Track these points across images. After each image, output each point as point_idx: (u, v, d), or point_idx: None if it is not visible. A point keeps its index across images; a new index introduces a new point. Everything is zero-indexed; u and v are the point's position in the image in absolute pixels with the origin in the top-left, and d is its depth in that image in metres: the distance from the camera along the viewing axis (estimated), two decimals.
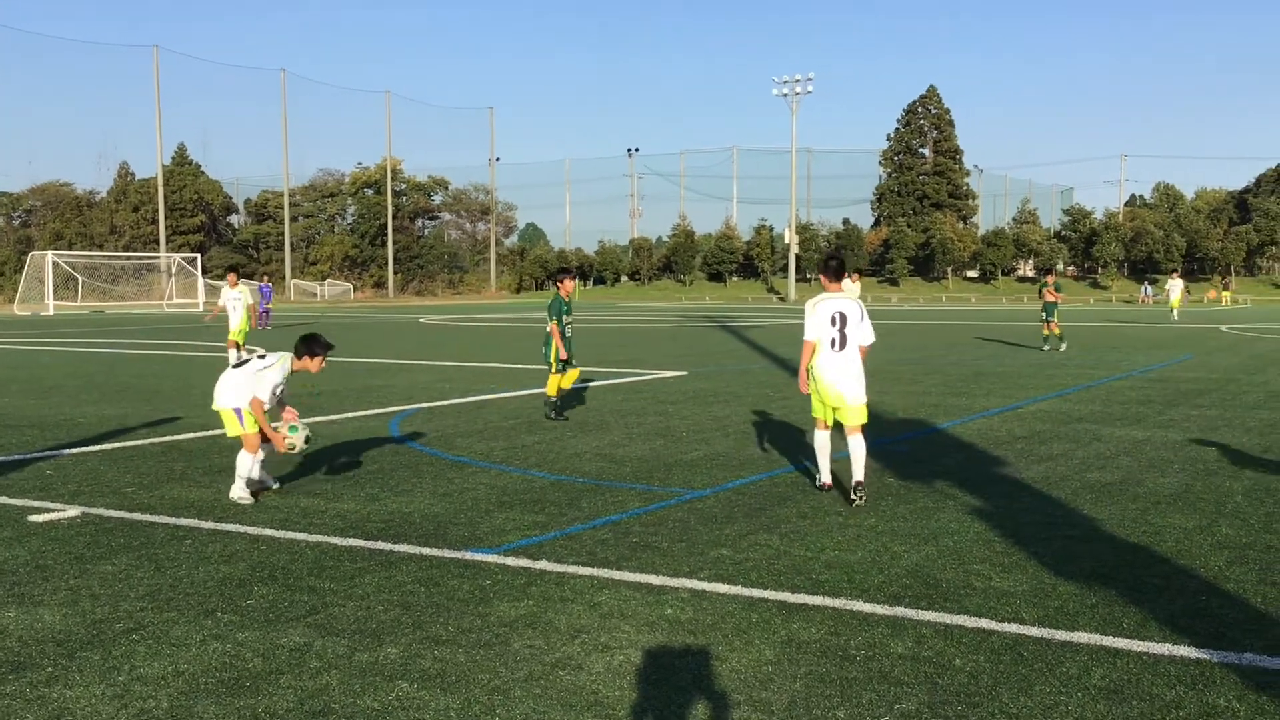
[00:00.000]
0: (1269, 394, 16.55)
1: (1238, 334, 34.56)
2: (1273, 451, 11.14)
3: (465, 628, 5.64)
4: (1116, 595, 6.18)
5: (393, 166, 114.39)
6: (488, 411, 14.60)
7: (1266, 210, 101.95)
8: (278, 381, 9.05)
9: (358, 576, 6.61)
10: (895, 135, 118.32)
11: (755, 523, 8.00)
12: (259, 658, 5.21)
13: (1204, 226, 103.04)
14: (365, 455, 11.03)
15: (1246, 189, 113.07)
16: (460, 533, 7.73)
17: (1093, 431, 12.57)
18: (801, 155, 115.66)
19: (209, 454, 11.13)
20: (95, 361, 24.77)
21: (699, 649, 5.32)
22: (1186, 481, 9.56)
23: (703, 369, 21.51)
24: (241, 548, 7.33)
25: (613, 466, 10.37)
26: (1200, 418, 13.77)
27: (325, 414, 14.30)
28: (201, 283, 76.93)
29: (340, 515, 8.30)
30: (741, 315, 54.42)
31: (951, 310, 65.38)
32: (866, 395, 9.14)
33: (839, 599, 6.11)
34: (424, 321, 48.72)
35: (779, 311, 62.87)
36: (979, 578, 6.54)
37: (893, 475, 9.90)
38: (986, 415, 14.14)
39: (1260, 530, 7.73)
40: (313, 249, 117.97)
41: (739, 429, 12.84)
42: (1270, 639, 5.44)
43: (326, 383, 18.73)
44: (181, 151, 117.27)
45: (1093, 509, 8.46)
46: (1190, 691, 4.78)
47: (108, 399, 16.32)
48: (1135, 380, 18.95)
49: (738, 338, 33.29)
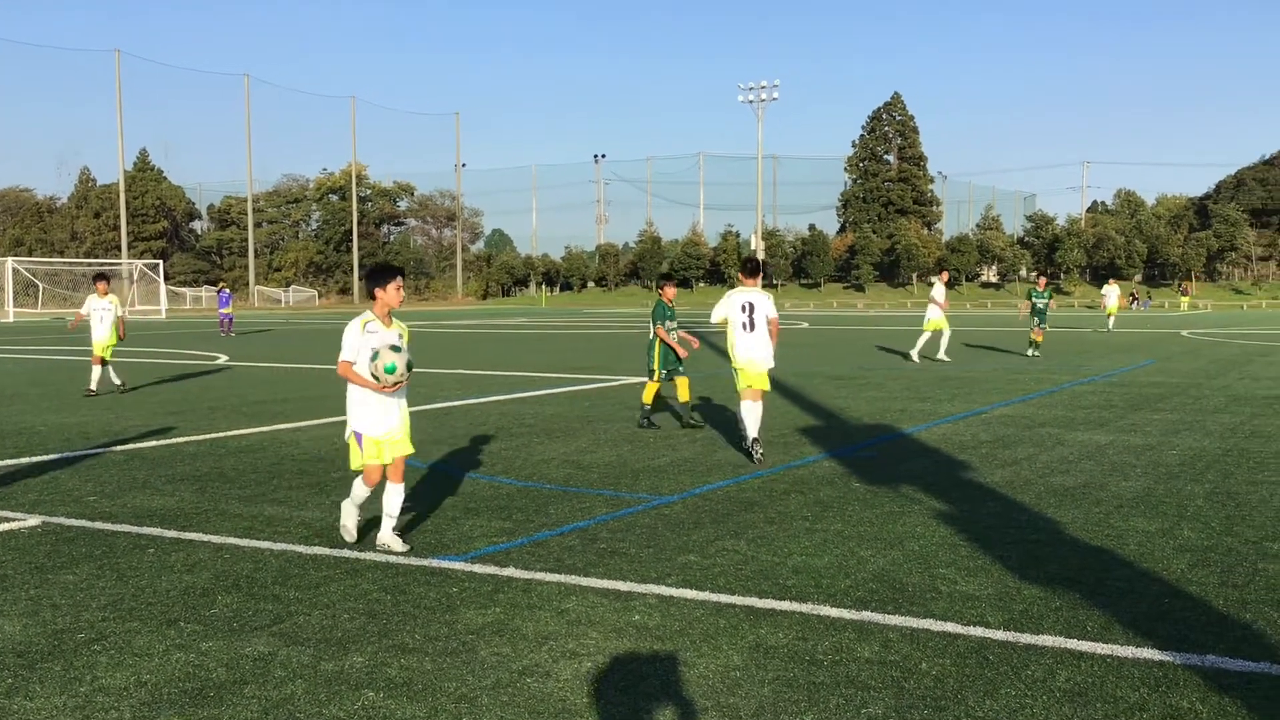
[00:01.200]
0: (1230, 398, 16.75)
1: (1199, 339, 34.96)
2: (1234, 455, 11.27)
3: (432, 635, 5.61)
4: (1080, 598, 6.23)
5: (358, 172, 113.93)
6: (454, 418, 14.54)
7: (1226, 216, 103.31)
8: (352, 337, 7.42)
9: (323, 585, 6.56)
10: (860, 142, 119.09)
11: (722, 528, 8.00)
12: (223, 667, 5.16)
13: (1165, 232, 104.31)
14: (330, 463, 10.96)
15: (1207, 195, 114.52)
16: (426, 540, 7.69)
17: (1056, 436, 12.67)
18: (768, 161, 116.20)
19: (172, 462, 11.03)
20: (56, 369, 24.48)
21: (667, 655, 5.32)
22: (1149, 485, 9.65)
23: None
24: (205, 556, 7.26)
25: (580, 473, 10.35)
26: (1162, 422, 13.91)
27: (290, 421, 14.19)
28: (164, 289, 76.25)
29: (305, 523, 8.24)
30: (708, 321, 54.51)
31: (917, 316, 65.74)
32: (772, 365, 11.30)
33: (806, 604, 6.12)
34: None
35: None
36: (945, 581, 6.58)
37: (859, 480, 9.94)
38: (951, 420, 14.23)
39: (1222, 533, 7.82)
40: (277, 255, 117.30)
41: (706, 435, 12.86)
42: (1232, 641, 5.50)
43: (291, 390, 18.61)
44: (144, 157, 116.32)
45: (1056, 513, 8.52)
46: (1154, 693, 4.82)
47: (68, 407, 16.13)
48: (1098, 385, 19.13)
49: (704, 343, 33.33)
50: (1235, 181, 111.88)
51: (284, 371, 23.03)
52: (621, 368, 23.40)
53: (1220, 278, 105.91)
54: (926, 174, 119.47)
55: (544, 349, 31.45)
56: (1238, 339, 34.51)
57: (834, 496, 9.18)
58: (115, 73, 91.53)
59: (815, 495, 9.23)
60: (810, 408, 15.63)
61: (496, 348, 32.23)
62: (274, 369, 23.78)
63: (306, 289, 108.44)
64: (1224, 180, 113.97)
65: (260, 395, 17.73)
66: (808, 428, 13.51)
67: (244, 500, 9.09)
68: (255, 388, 19.11)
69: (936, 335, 25.44)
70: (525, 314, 73.57)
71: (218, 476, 10.20)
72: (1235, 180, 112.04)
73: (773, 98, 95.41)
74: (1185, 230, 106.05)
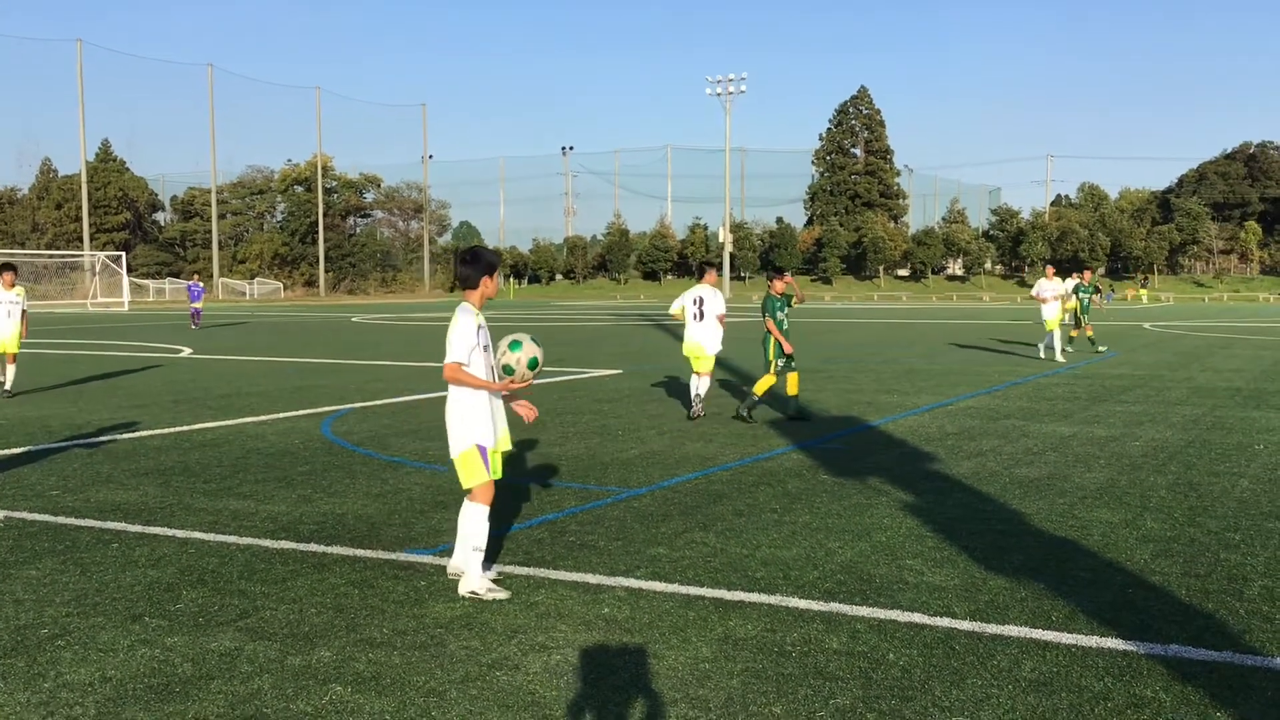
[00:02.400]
0: (1192, 390, 16.93)
1: (1161, 331, 35.34)
2: (1196, 446, 11.40)
3: (400, 629, 5.59)
4: (1045, 589, 6.29)
5: (323, 163, 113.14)
6: (422, 411, 14.49)
7: (1188, 210, 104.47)
8: (468, 334, 6.45)
9: (290, 579, 6.52)
10: (827, 135, 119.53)
11: (691, 521, 8.02)
12: (188, 663, 5.12)
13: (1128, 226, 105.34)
14: (297, 456, 10.90)
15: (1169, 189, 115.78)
16: (395, 533, 7.66)
17: (1021, 428, 12.77)
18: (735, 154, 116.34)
19: (136, 456, 10.93)
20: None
21: (636, 647, 5.32)
22: (1112, 476, 9.75)
23: (638, 368, 21.53)
24: (170, 551, 7.20)
25: (549, 466, 10.34)
26: (1125, 413, 14.05)
27: (255, 414, 14.09)
28: (126, 281, 75.49)
29: (271, 517, 8.18)
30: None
31: (883, 309, 66.11)
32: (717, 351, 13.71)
33: (775, 596, 6.14)
34: (356, 320, 48.25)
35: None
36: (912, 573, 6.62)
37: (826, 472, 9.98)
38: (918, 412, 14.31)
39: (1184, 524, 7.91)
40: (241, 247, 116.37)
41: (675, 427, 12.87)
42: (1194, 630, 5.57)
43: (256, 383, 18.48)
44: (106, 148, 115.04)
45: (1021, 504, 8.60)
46: (1118, 683, 4.87)
47: (31, 401, 15.94)
48: (1062, 377, 19.29)
49: (673, 336, 33.36)
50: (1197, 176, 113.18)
51: (249, 364, 22.86)
52: (590, 361, 23.38)
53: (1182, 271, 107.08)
54: (893, 167, 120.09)
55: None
56: (1199, 332, 34.92)
57: (802, 489, 9.22)
58: (77, 63, 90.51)
59: (783, 487, 9.27)
60: (777, 400, 15.67)
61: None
62: (239, 361, 23.60)
63: (271, 281, 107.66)
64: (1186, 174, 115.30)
65: (225, 388, 17.59)
66: (775, 420, 13.56)
67: (209, 494, 9.02)
68: (220, 381, 18.96)
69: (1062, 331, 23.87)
70: (493, 307, 73.39)
71: (182, 470, 10.12)
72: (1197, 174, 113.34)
73: (740, 91, 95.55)
74: (1148, 224, 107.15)
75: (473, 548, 6.17)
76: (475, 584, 6.13)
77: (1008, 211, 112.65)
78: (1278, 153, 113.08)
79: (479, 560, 6.19)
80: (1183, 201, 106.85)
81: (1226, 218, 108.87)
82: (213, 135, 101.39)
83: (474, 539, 6.19)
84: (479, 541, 6.19)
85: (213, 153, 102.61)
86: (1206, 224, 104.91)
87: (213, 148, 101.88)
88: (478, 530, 6.20)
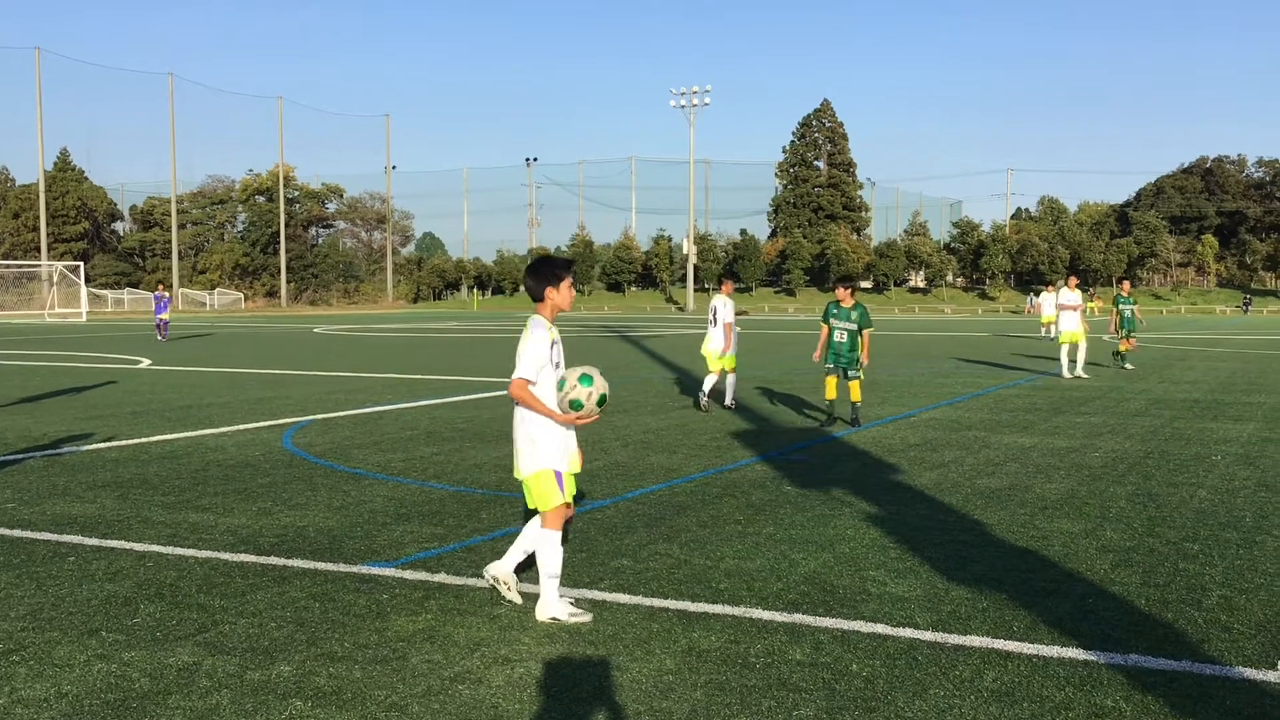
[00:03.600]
0: (1150, 401, 17.12)
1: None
2: (1154, 457, 11.52)
3: (361, 643, 5.54)
4: (1007, 599, 6.32)
5: (285, 173, 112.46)
6: (385, 423, 14.40)
7: (1146, 223, 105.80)
8: (540, 349, 6.04)
9: (249, 593, 6.45)
10: (791, 148, 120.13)
11: (655, 532, 8.01)
12: (146, 678, 5.05)
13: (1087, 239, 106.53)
14: (257, 468, 10.79)
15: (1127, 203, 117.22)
16: (356, 546, 7.60)
17: (982, 439, 12.86)
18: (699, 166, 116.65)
19: (93, 468, 10.79)
20: None
21: (600, 660, 5.30)
22: (1072, 487, 9.83)
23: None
24: (127, 565, 7.11)
25: (512, 477, 10.27)
26: (1085, 425, 14.18)
27: (215, 426, 13.96)
28: (84, 291, 74.63)
29: (231, 530, 8.10)
30: (640, 325, 54.62)
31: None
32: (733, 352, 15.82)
33: (738, 607, 6.14)
34: (318, 332, 47.93)
35: (677, 321, 63.21)
36: (875, 583, 6.64)
37: (790, 484, 10.00)
38: (880, 423, 14.38)
39: (1143, 534, 7.98)
40: (201, 257, 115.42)
41: (638, 439, 12.86)
42: (1154, 640, 5.62)
43: (216, 395, 18.31)
44: (64, 157, 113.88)
45: (983, 514, 8.65)
46: (1079, 692, 4.90)
47: None
48: (1022, 388, 19.45)
49: (637, 347, 33.38)
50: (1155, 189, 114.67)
51: (209, 376, 22.64)
52: None
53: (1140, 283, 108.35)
54: (855, 180, 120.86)
55: (476, 353, 31.27)
56: (1157, 344, 35.33)
57: (766, 500, 9.23)
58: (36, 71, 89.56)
59: (747, 499, 9.28)
60: (741, 412, 15.70)
61: (428, 352, 31.98)
62: (199, 373, 23.37)
63: (232, 292, 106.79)
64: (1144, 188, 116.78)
65: (185, 400, 17.41)
66: (739, 431, 13.58)
67: (168, 507, 8.92)
68: (180, 392, 18.77)
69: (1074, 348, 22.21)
70: (457, 318, 73.15)
71: (141, 483, 10.00)
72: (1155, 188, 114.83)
73: (704, 103, 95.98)
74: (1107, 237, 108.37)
75: (548, 575, 5.95)
76: (555, 609, 5.92)
77: (969, 224, 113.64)
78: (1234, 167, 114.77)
79: (555, 585, 5.98)
80: (1141, 215, 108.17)
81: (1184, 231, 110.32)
82: (173, 144, 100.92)
83: (548, 567, 5.97)
84: (553, 568, 5.97)
85: (173, 162, 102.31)
86: (1164, 237, 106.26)
87: (173, 157, 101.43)
88: (552, 559, 5.97)
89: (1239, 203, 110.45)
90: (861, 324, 14.37)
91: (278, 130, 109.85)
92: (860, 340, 14.36)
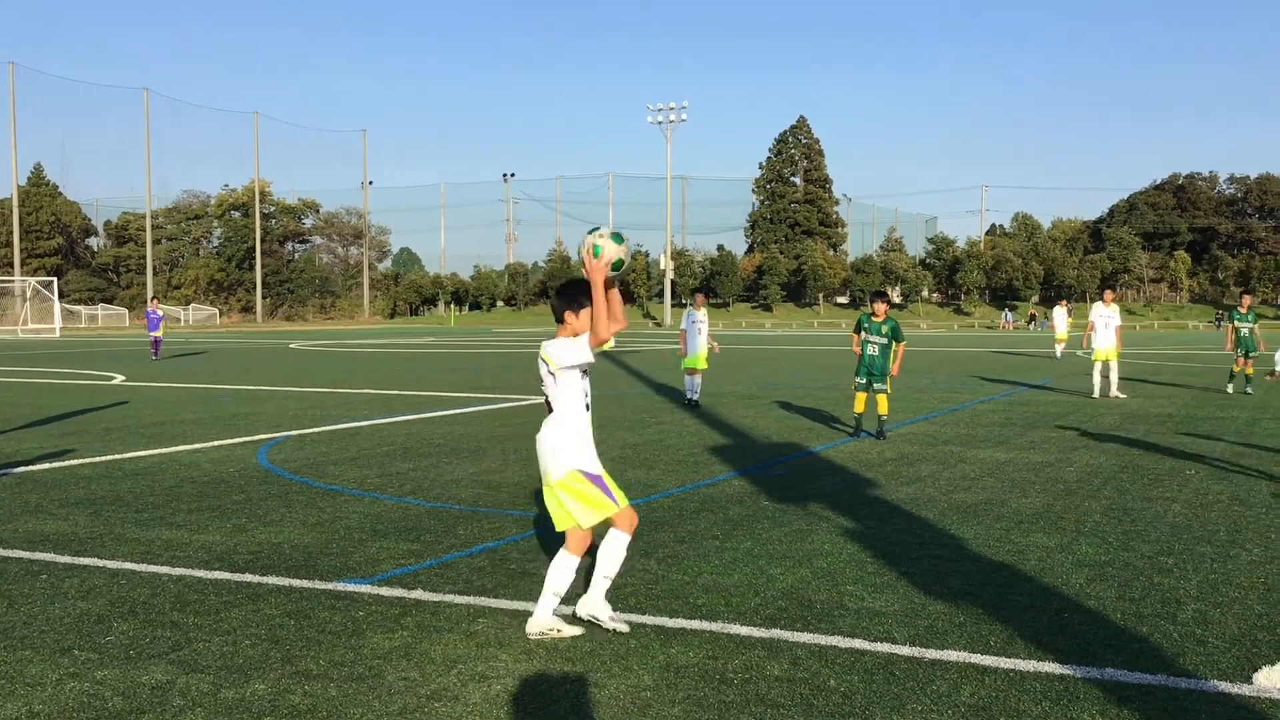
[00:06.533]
0: (1124, 416, 17.23)
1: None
2: (1129, 471, 11.59)
3: (337, 661, 5.50)
4: (983, 613, 6.34)
5: (261, 189, 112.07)
6: (361, 438, 14.34)
7: (1119, 240, 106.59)
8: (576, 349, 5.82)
9: (223, 610, 6.40)
10: (767, 164, 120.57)
11: (632, 547, 7.96)
12: (119, 696, 5.00)
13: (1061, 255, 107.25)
14: (232, 485, 10.72)
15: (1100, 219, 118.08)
16: (332, 563, 7.55)
17: (958, 454, 12.91)
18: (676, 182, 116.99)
19: (65, 485, 10.69)
20: None
21: (577, 676, 5.28)
22: (1047, 501, 9.87)
23: None
24: (100, 583, 7.04)
25: (490, 493, 10.26)
26: (1060, 439, 14.26)
27: (189, 443, 13.86)
28: (58, 307, 74.10)
29: (205, 547, 8.03)
30: (617, 340, 54.63)
31: (824, 335, 66.65)
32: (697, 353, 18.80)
33: (716, 622, 6.13)
34: (294, 347, 47.72)
35: (655, 336, 63.24)
36: (852, 598, 6.64)
37: (767, 498, 10.00)
38: (858, 438, 14.41)
39: (1118, 548, 8.02)
40: (176, 272, 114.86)
41: (614, 454, 12.84)
42: (1129, 654, 5.63)
43: (190, 410, 18.19)
44: (38, 172, 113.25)
45: (959, 529, 8.67)
46: (1055, 707, 4.91)
47: None
48: (998, 403, 19.54)
49: (613, 362, 33.35)
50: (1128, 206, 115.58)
51: (183, 391, 22.50)
52: (531, 387, 23.27)
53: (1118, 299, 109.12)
54: (832, 196, 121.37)
55: (452, 368, 31.19)
56: (1131, 359, 35.54)
57: (743, 515, 9.23)
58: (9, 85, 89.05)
59: (725, 514, 9.28)
60: (719, 426, 15.71)
61: (404, 367, 31.88)
62: (173, 389, 23.22)
63: (207, 307, 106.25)
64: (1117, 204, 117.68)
65: (158, 416, 17.29)
66: (717, 446, 13.58)
67: (141, 524, 8.84)
68: (153, 408, 18.64)
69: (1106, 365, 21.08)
70: (433, 333, 72.96)
71: (114, 500, 9.91)
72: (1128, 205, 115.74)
73: (681, 119, 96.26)
74: (1080, 253, 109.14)
75: (556, 588, 5.90)
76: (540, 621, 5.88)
77: (944, 240, 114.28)
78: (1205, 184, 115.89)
79: (556, 601, 5.92)
80: (1114, 231, 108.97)
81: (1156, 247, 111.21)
82: (148, 159, 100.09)
83: (556, 584, 5.90)
84: (565, 582, 5.92)
85: (148, 177, 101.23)
86: (1137, 253, 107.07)
87: (148, 172, 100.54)
88: (564, 574, 5.91)
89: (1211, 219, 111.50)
90: (894, 337, 14.76)
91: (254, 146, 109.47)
92: (893, 352, 14.73)
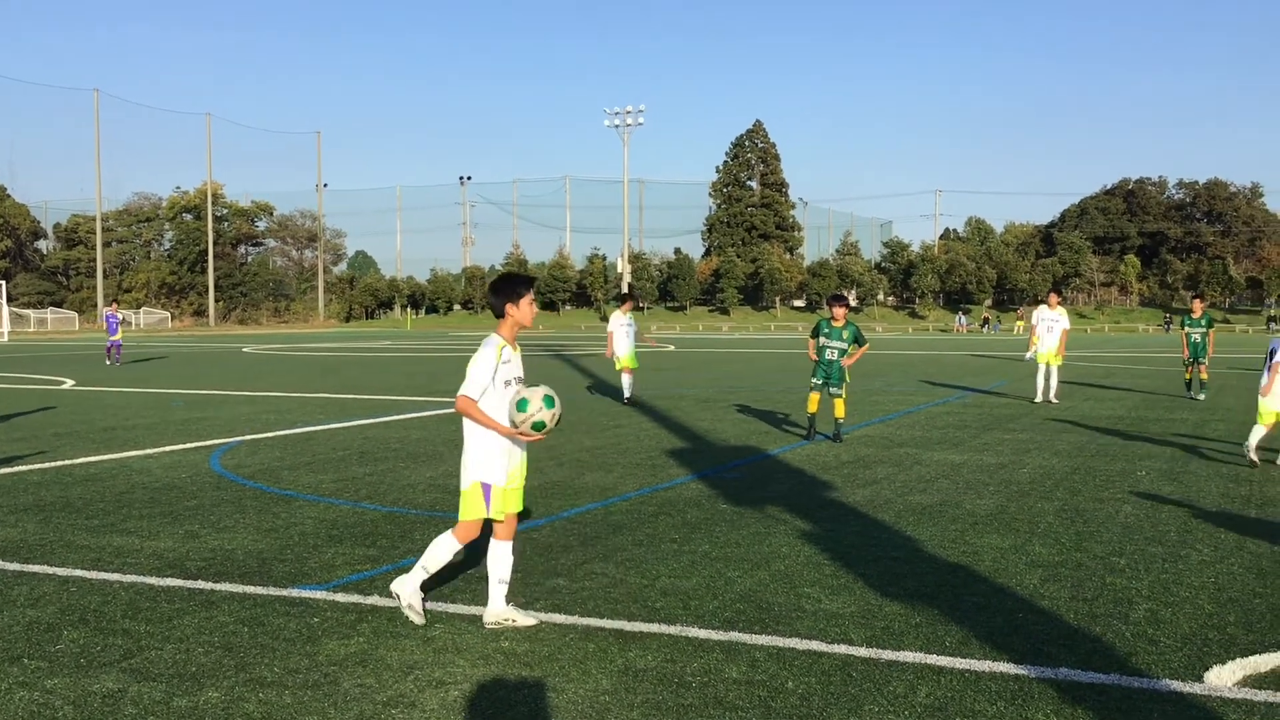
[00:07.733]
0: (1076, 418, 17.42)
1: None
2: (1081, 473, 11.72)
3: (292, 668, 5.45)
4: (939, 614, 6.38)
5: (214, 191, 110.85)
6: (316, 443, 14.22)
7: (1070, 244, 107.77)
8: (485, 370, 6.16)
9: (176, 618, 6.32)
10: (724, 168, 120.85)
11: (591, 551, 7.98)
12: (70, 705, 4.92)
13: (1013, 259, 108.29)
14: (184, 490, 10.60)
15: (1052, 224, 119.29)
16: (286, 569, 7.48)
17: (914, 456, 13.00)
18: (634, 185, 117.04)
19: (14, 491, 10.52)
20: None
21: (535, 681, 5.26)
22: (1001, 503, 9.97)
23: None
24: (50, 590, 6.93)
25: (446, 497, 10.21)
26: (1013, 441, 14.40)
27: (140, 448, 13.68)
28: (6, 311, 72.92)
29: (156, 554, 7.93)
30: (575, 344, 54.50)
31: (781, 339, 66.92)
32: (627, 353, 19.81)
33: (675, 626, 6.13)
34: (248, 351, 47.25)
35: None
36: (809, 600, 6.67)
37: (725, 501, 10.03)
38: (812, 440, 14.47)
39: (1071, 549, 8.11)
40: (127, 275, 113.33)
41: (573, 458, 12.83)
42: (1083, 653, 5.70)
43: (141, 415, 17.96)
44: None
45: (915, 530, 8.73)
46: (1010, 707, 4.96)
47: None
48: (953, 406, 19.70)
49: (571, 366, 33.32)
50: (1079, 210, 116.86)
51: (134, 396, 22.21)
52: None
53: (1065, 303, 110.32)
54: (788, 200, 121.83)
55: (409, 372, 31.00)
56: (1082, 362, 35.97)
57: (701, 518, 9.24)
58: None
59: (683, 517, 9.29)
60: (677, 430, 15.73)
61: (360, 371, 31.65)
62: (124, 393, 22.92)
63: (159, 311, 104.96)
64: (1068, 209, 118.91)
65: (109, 421, 17.06)
66: (675, 450, 13.60)
67: (91, 531, 8.72)
68: (104, 413, 18.39)
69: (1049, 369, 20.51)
70: (389, 337, 72.50)
71: (63, 506, 9.77)
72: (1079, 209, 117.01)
73: (638, 123, 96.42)
74: (1032, 257, 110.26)
75: (423, 566, 6.24)
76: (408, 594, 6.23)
77: (899, 244, 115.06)
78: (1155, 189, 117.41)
79: (422, 577, 6.25)
80: (1065, 235, 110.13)
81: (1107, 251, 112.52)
82: (98, 161, 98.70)
83: (430, 561, 6.25)
84: (434, 566, 6.27)
85: (98, 179, 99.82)
86: (1088, 257, 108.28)
87: (98, 174, 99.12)
88: (439, 557, 6.27)
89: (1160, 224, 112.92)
90: (856, 342, 14.81)
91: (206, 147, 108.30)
92: (851, 353, 14.74)
